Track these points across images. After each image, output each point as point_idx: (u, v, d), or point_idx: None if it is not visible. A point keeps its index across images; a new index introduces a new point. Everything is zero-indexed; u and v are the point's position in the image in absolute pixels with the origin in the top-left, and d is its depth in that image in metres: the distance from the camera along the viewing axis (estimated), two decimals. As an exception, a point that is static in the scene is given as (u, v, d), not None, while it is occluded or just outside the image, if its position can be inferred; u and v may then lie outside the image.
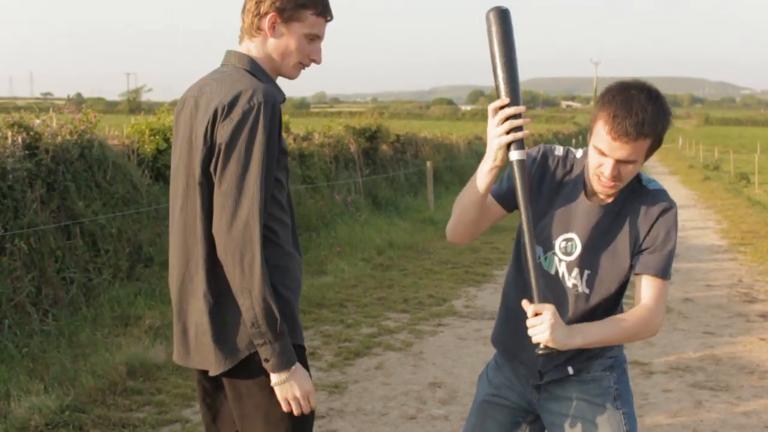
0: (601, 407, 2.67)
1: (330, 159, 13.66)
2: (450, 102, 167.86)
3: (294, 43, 2.55)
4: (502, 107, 2.46)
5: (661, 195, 2.58)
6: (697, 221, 16.02)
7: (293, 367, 2.44)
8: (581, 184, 2.61)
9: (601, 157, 2.43)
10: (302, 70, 2.65)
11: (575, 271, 2.59)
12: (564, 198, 2.62)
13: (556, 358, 2.63)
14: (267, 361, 2.40)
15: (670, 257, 2.55)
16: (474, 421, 2.87)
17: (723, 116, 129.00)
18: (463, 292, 8.86)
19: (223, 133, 2.38)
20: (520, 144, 2.45)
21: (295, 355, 2.45)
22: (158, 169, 8.66)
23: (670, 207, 2.56)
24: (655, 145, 2.44)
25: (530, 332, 2.42)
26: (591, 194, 2.59)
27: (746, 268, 10.72)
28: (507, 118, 2.43)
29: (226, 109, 2.39)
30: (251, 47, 2.58)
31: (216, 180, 2.39)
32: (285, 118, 13.22)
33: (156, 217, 8.29)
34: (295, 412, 2.48)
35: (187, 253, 2.53)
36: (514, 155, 2.45)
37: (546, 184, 2.65)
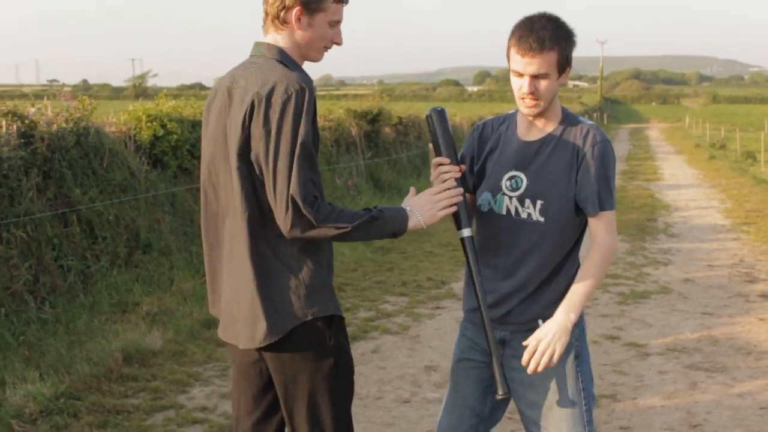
0: (561, 364, 2.77)
1: (331, 143, 13.63)
2: (456, 83, 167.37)
3: (319, 32, 2.69)
4: (441, 164, 2.79)
5: (593, 129, 2.80)
6: (700, 200, 15.97)
7: (407, 211, 2.68)
8: (514, 127, 2.88)
9: (519, 78, 2.72)
10: (325, 53, 2.79)
11: (527, 201, 2.79)
12: (503, 144, 2.88)
13: (526, 313, 2.83)
14: (395, 235, 2.67)
15: (606, 187, 2.75)
16: (450, 387, 3.06)
17: (731, 94, 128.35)
18: (462, 275, 8.83)
19: (265, 122, 2.51)
20: (466, 221, 2.78)
21: (400, 212, 2.68)
22: (155, 155, 8.65)
23: (602, 140, 2.77)
24: (563, 60, 2.70)
25: (540, 364, 2.68)
26: (525, 132, 2.84)
27: (749, 247, 10.69)
28: (445, 189, 2.75)
29: (264, 100, 2.52)
30: (278, 38, 2.70)
31: (265, 167, 2.52)
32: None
33: (154, 204, 8.29)
34: (447, 204, 2.73)
35: (227, 234, 2.68)
36: (464, 233, 2.79)
37: (488, 145, 2.92)
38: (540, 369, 2.69)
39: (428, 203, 2.72)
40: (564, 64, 2.71)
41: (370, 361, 5.92)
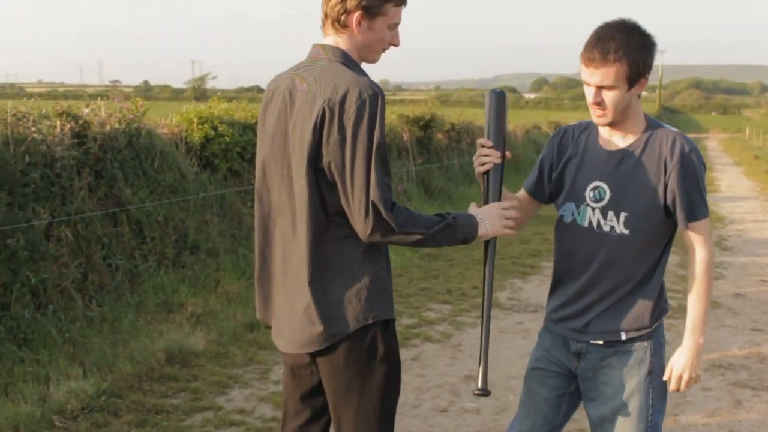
0: (635, 379, 2.81)
1: (382, 148, 13.64)
2: (513, 90, 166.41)
3: (379, 35, 2.70)
4: (483, 146, 2.84)
5: (679, 137, 2.74)
6: (757, 213, 15.66)
7: (477, 219, 2.73)
8: (596, 135, 2.86)
9: (587, 87, 2.71)
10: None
11: (609, 214, 2.77)
12: (585, 153, 2.86)
13: (607, 325, 2.83)
14: (465, 241, 2.71)
15: (699, 197, 2.73)
16: (523, 394, 3.09)
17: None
18: (509, 284, 8.80)
19: (340, 129, 2.52)
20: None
21: (471, 219, 2.73)
22: (206, 157, 8.76)
23: (690, 148, 2.72)
24: (633, 72, 2.64)
25: (682, 388, 2.80)
26: (607, 142, 2.81)
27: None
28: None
29: (338, 106, 2.52)
30: (339, 41, 2.70)
31: (341, 173, 2.53)
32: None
33: (203, 205, 8.38)
34: (512, 224, 2.82)
35: (279, 236, 2.72)
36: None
37: (567, 152, 2.91)
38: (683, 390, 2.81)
39: (498, 216, 2.76)
40: (635, 75, 2.65)
41: (410, 369, 5.90)
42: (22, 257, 5.94)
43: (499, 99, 2.89)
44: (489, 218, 2.75)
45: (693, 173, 2.70)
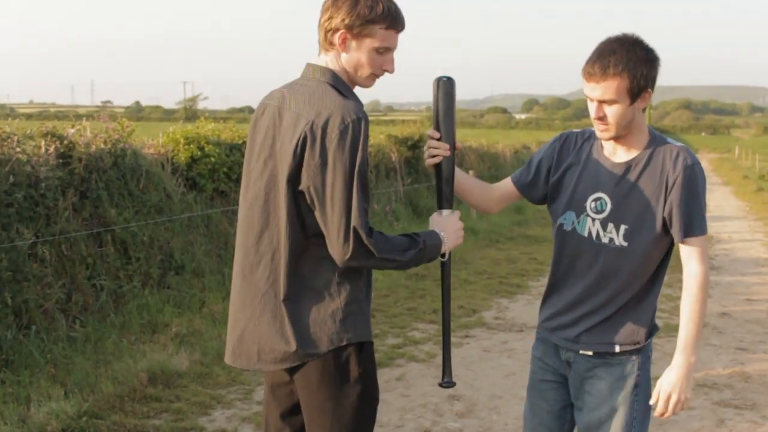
0: (620, 391, 2.82)
1: (370, 168, 13.68)
2: (504, 111, 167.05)
3: (365, 57, 2.66)
4: (431, 137, 2.92)
5: (683, 151, 2.75)
6: (744, 233, 15.72)
7: (440, 237, 2.76)
8: (600, 146, 2.86)
9: (590, 102, 2.72)
10: (375, 80, 2.75)
11: (609, 226, 2.78)
12: (587, 163, 2.86)
13: (602, 336, 2.84)
14: (431, 260, 2.76)
15: (698, 213, 2.73)
16: (527, 408, 3.11)
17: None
18: (495, 304, 8.80)
19: (321, 153, 2.50)
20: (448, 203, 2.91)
21: (436, 238, 2.76)
22: (192, 177, 8.76)
23: (692, 163, 2.72)
24: (635, 86, 2.65)
25: (667, 414, 2.75)
26: (611, 154, 2.82)
27: (791, 282, 10.48)
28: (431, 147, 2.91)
29: (320, 130, 2.51)
30: (328, 60, 2.69)
31: (320, 198, 2.52)
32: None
33: (189, 225, 8.38)
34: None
35: (264, 253, 2.66)
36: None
37: (568, 159, 2.91)
38: (669, 415, 2.77)
39: (455, 229, 2.82)
40: (637, 89, 2.66)
41: (394, 389, 5.89)
42: (4, 277, 5.92)
43: (447, 87, 2.88)
44: (448, 233, 2.79)
45: (694, 187, 2.71)
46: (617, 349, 2.81)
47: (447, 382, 2.92)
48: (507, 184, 3.11)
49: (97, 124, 7.98)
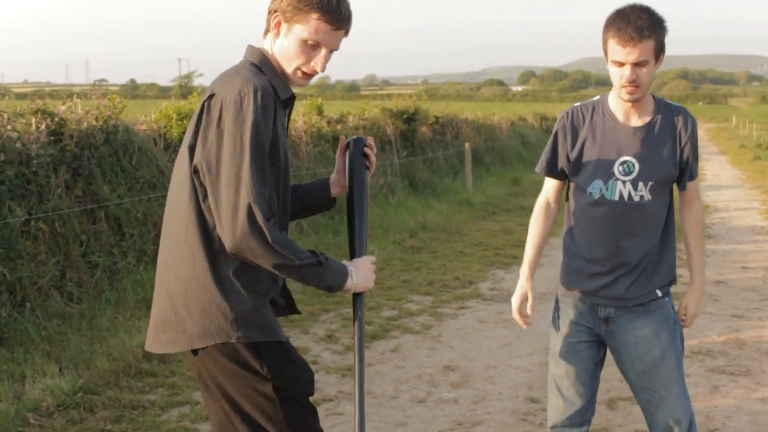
0: (665, 331, 3.12)
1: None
2: (501, 83, 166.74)
3: (293, 47, 2.51)
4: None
5: (683, 110, 3.11)
6: (741, 201, 15.70)
7: (348, 271, 2.55)
8: (610, 114, 3.09)
9: (620, 68, 2.91)
10: (308, 78, 2.58)
11: (639, 184, 3.04)
12: (603, 132, 3.08)
13: (642, 289, 3.11)
14: (329, 289, 2.51)
15: (696, 160, 3.16)
16: (558, 369, 3.27)
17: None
18: (491, 275, 8.80)
19: (218, 125, 2.39)
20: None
21: (342, 268, 2.54)
22: (185, 153, 8.72)
23: (694, 122, 3.12)
24: (659, 47, 2.91)
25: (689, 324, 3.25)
26: (627, 119, 3.07)
27: (786, 250, 10.48)
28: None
29: (218, 103, 2.40)
30: (265, 43, 2.59)
31: (210, 172, 2.39)
32: (318, 101, 13.23)
33: (183, 201, 8.34)
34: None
35: (174, 238, 2.56)
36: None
37: (581, 133, 3.11)
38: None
39: (368, 271, 2.61)
40: (659, 50, 2.93)
41: (389, 360, 5.90)
42: (-2, 255, 5.91)
43: (354, 147, 2.82)
44: (360, 273, 2.58)
45: (696, 143, 3.12)
46: (659, 294, 3.11)
47: None
48: (550, 186, 3.29)
49: (88, 101, 7.94)
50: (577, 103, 3.20)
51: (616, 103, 3.06)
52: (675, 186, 3.19)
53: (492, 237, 11.19)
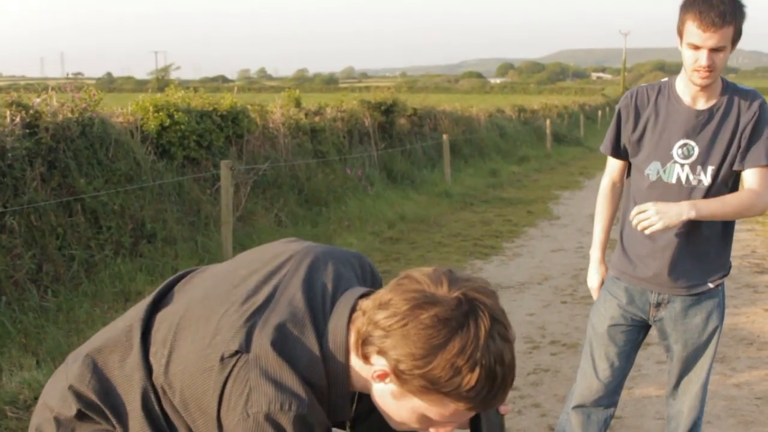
0: (713, 322, 3.17)
1: (343, 133, 13.63)
2: (479, 75, 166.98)
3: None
4: None
5: (752, 93, 3.04)
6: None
7: None
8: (676, 97, 3.04)
9: (696, 51, 2.84)
10: None
11: (698, 168, 3.00)
12: (666, 114, 3.04)
13: (696, 277, 3.11)
14: None
15: (766, 144, 3.00)
16: (597, 350, 3.30)
17: (756, 85, 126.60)
18: (469, 265, 8.83)
19: None
20: None
21: None
22: (162, 145, 8.69)
23: (762, 101, 3.02)
24: (737, 34, 2.85)
25: (639, 226, 2.92)
26: (693, 102, 3.02)
27: (762, 238, 10.58)
28: None
29: None
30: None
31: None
32: (296, 93, 13.19)
33: (160, 193, 8.33)
34: None
35: None
36: None
37: (644, 114, 3.08)
38: (641, 229, 2.94)
39: None
40: (737, 37, 2.88)
41: (368, 351, 5.91)
42: (-28, 249, 5.87)
43: None
44: None
45: (765, 126, 2.97)
46: (711, 285, 3.10)
47: None
48: (614, 166, 3.29)
49: (64, 94, 7.89)
50: (643, 84, 3.20)
51: (685, 85, 3.02)
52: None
53: (470, 228, 11.22)
